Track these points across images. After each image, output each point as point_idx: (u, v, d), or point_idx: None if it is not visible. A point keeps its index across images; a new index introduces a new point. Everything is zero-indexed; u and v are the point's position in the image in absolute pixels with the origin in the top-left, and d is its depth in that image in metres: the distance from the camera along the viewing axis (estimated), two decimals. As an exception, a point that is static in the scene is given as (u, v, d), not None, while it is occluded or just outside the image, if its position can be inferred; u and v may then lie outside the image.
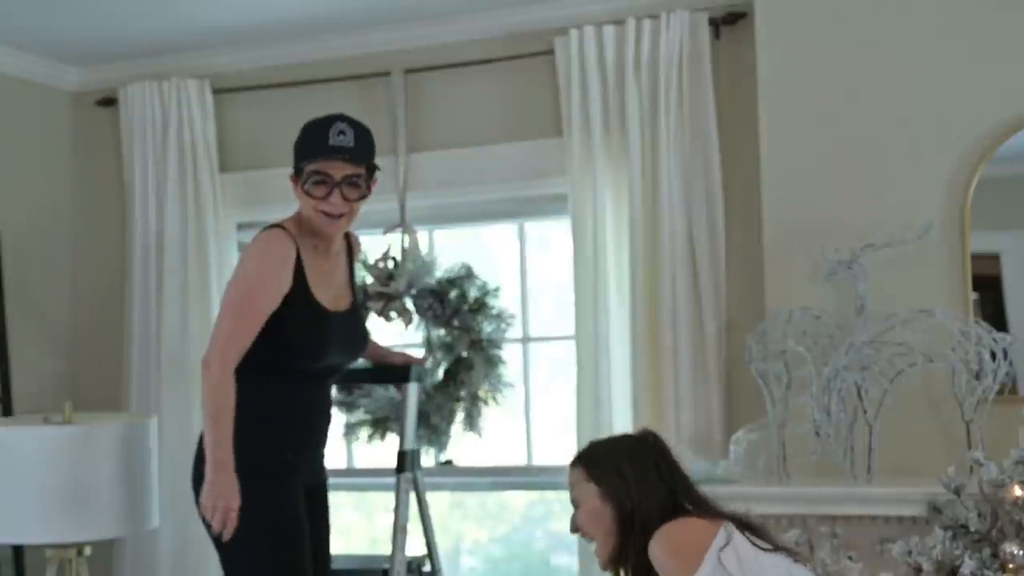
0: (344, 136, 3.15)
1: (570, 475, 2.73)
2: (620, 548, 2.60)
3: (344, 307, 3.26)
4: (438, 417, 4.33)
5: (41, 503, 3.56)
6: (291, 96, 4.60)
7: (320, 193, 3.14)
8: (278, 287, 3.08)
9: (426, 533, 3.66)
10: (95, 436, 3.61)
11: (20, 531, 3.67)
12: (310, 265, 3.16)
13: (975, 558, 2.98)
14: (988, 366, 3.36)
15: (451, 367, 4.33)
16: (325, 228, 3.18)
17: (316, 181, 3.13)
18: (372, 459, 4.57)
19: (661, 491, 2.61)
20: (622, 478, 2.62)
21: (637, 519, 2.57)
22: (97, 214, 4.91)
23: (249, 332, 3.04)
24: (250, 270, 3.12)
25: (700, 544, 2.47)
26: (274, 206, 4.64)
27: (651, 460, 2.66)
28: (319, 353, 3.18)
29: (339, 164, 3.13)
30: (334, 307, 3.21)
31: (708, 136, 3.99)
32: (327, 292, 3.20)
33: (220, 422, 2.98)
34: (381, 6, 4.26)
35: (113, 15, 4.29)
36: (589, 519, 2.65)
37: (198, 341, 4.51)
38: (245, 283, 3.11)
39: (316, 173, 3.13)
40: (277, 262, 3.10)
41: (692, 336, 3.94)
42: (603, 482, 2.64)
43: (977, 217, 3.56)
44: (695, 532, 2.52)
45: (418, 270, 4.34)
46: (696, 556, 2.45)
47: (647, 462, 2.65)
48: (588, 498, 2.65)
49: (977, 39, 3.61)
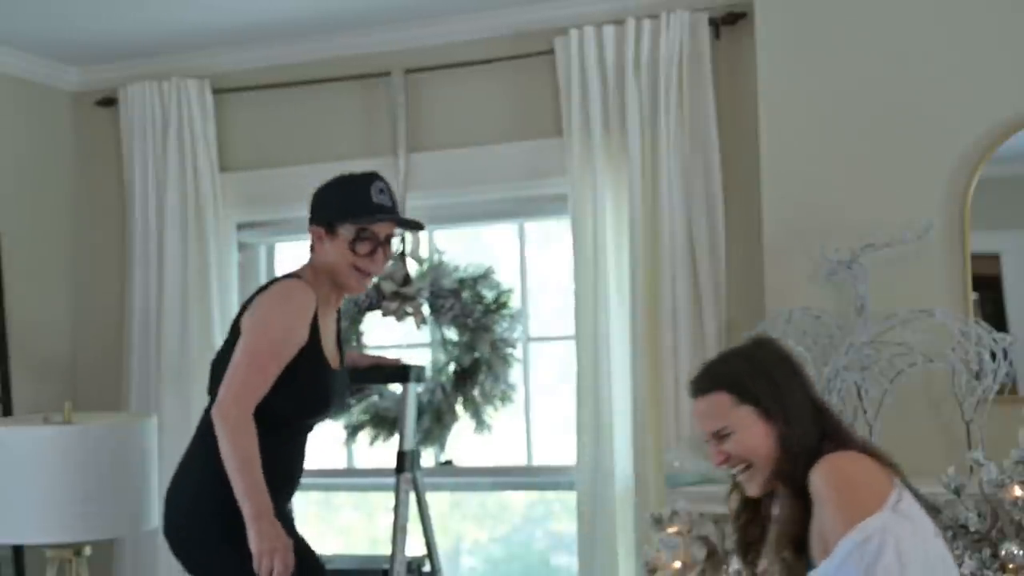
0: (384, 195, 3.16)
1: (704, 405, 2.47)
2: (778, 471, 2.38)
3: (338, 364, 3.24)
4: (450, 416, 4.35)
5: (41, 503, 3.56)
6: (291, 96, 4.60)
7: (365, 250, 3.12)
8: (298, 339, 3.03)
9: (426, 533, 3.67)
10: (95, 436, 3.61)
11: (20, 531, 3.67)
12: (321, 320, 3.13)
13: (975, 558, 2.98)
14: (988, 366, 3.36)
15: (469, 367, 4.36)
16: (355, 285, 3.17)
17: (363, 239, 3.11)
18: (372, 459, 4.57)
19: (808, 406, 2.40)
20: (778, 392, 2.39)
21: (796, 438, 2.35)
22: (97, 214, 4.91)
23: (267, 381, 2.98)
24: (274, 318, 3.04)
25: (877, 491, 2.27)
26: (274, 206, 4.68)
27: (789, 368, 2.45)
28: (321, 409, 3.16)
29: (384, 223, 3.15)
30: (334, 364, 3.19)
31: (708, 136, 3.99)
32: (328, 347, 3.17)
33: (249, 471, 2.89)
34: (381, 6, 4.26)
35: (113, 15, 4.29)
36: (748, 445, 2.41)
37: (198, 341, 4.52)
38: (270, 331, 3.02)
39: (363, 230, 3.11)
40: (301, 313, 3.05)
41: (692, 336, 3.94)
42: (761, 400, 2.39)
43: (977, 217, 3.56)
44: (871, 476, 2.30)
45: (437, 271, 4.36)
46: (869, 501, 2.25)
47: (787, 369, 2.44)
48: (745, 423, 2.40)
49: (977, 39, 3.61)
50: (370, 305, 4.43)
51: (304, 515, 4.71)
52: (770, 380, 2.40)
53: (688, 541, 3.35)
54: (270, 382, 2.98)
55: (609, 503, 3.99)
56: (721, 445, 2.45)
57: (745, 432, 2.40)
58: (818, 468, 2.29)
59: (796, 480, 2.35)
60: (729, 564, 3.24)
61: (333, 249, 3.12)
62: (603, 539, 4.00)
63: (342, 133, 4.58)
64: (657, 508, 3.64)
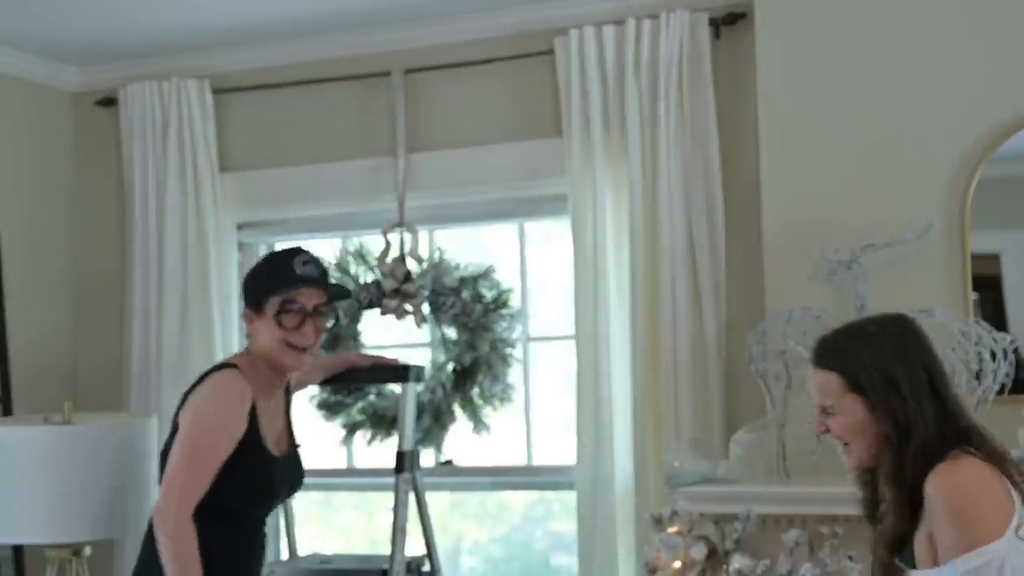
0: (309, 266, 3.10)
1: (818, 378, 2.39)
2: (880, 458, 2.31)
3: (285, 450, 3.19)
4: (449, 416, 4.35)
5: (41, 503, 3.56)
6: (291, 96, 4.60)
7: (292, 323, 3.06)
8: (234, 433, 2.99)
9: (425, 533, 3.66)
10: (95, 436, 3.61)
11: (20, 531, 3.68)
12: (261, 408, 3.07)
13: (975, 558, 2.97)
14: (988, 366, 3.36)
15: (468, 366, 4.35)
16: (290, 362, 3.09)
17: (288, 311, 3.05)
18: (372, 459, 4.57)
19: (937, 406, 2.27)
20: (896, 392, 2.28)
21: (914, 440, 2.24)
22: (97, 214, 4.91)
23: (205, 482, 2.93)
24: (207, 415, 3.00)
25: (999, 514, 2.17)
26: (274, 206, 4.69)
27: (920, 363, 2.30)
28: (263, 502, 3.14)
29: (309, 292, 3.08)
30: (278, 451, 3.14)
31: (708, 136, 3.99)
32: (272, 435, 3.12)
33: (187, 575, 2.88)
34: (381, 6, 4.26)
35: (113, 15, 4.29)
36: (850, 431, 2.34)
37: (198, 341, 4.53)
38: (202, 429, 2.98)
39: (288, 302, 3.05)
40: (234, 406, 3.00)
41: (692, 336, 3.94)
42: (872, 397, 2.29)
43: (977, 217, 3.56)
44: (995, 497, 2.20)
45: (438, 269, 4.36)
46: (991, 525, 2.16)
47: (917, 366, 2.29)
48: (851, 409, 2.33)
49: (977, 40, 3.61)
50: (370, 303, 4.42)
51: (304, 515, 4.71)
52: (888, 379, 2.29)
53: (688, 541, 3.35)
54: (208, 481, 2.94)
55: (609, 503, 3.99)
56: (825, 418, 2.39)
57: (849, 417, 2.34)
58: (937, 479, 2.21)
59: (903, 482, 2.28)
60: (729, 564, 3.24)
61: (263, 328, 3.07)
62: (603, 539, 4.00)
63: (342, 133, 4.58)
64: (657, 508, 3.64)
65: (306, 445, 3.33)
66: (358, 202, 4.55)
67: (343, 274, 4.47)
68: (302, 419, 3.51)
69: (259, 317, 3.08)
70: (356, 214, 4.62)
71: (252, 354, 3.12)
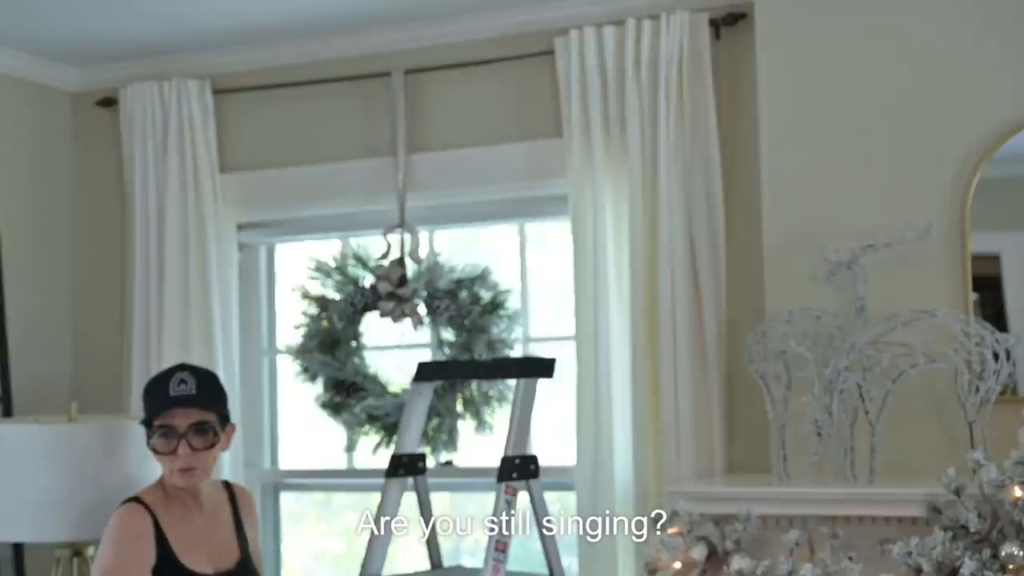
0: (185, 385, 3.13)
1: None
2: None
3: (229, 565, 3.22)
4: (450, 418, 4.34)
5: (41, 503, 3.56)
6: (291, 96, 4.60)
7: (167, 448, 3.12)
8: (139, 567, 3.06)
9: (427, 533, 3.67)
10: (95, 436, 3.62)
11: (20, 531, 3.68)
12: (174, 529, 3.13)
13: (975, 559, 2.97)
14: (990, 367, 3.36)
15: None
16: (180, 483, 3.15)
17: (161, 435, 3.12)
18: (373, 459, 4.56)
19: None
20: None
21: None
22: (97, 214, 4.91)
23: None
24: (105, 558, 3.10)
25: None
26: (274, 206, 4.69)
27: None
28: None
29: (182, 412, 3.11)
30: (215, 567, 3.17)
31: (708, 136, 3.99)
32: (201, 553, 3.16)
33: None
34: (381, 6, 4.26)
35: (113, 15, 4.29)
36: None
37: (198, 341, 4.52)
38: (108, 572, 3.08)
39: (161, 427, 3.12)
40: (130, 543, 3.08)
41: (692, 336, 3.94)
42: None
43: (977, 218, 3.56)
44: None
45: (432, 272, 4.36)
46: None
47: None
48: None
49: (977, 40, 3.61)
50: (367, 306, 4.43)
51: (304, 515, 4.71)
52: None
53: (688, 541, 3.35)
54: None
55: (609, 503, 3.99)
56: None
57: None
58: None
59: None
60: (729, 565, 3.24)
61: (153, 453, 3.17)
62: (603, 539, 4.00)
63: (342, 134, 4.58)
64: (657, 508, 3.64)
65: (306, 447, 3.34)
66: (358, 203, 4.55)
67: (342, 276, 4.47)
68: (302, 420, 3.50)
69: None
70: (356, 215, 4.61)
71: (162, 478, 3.21)
